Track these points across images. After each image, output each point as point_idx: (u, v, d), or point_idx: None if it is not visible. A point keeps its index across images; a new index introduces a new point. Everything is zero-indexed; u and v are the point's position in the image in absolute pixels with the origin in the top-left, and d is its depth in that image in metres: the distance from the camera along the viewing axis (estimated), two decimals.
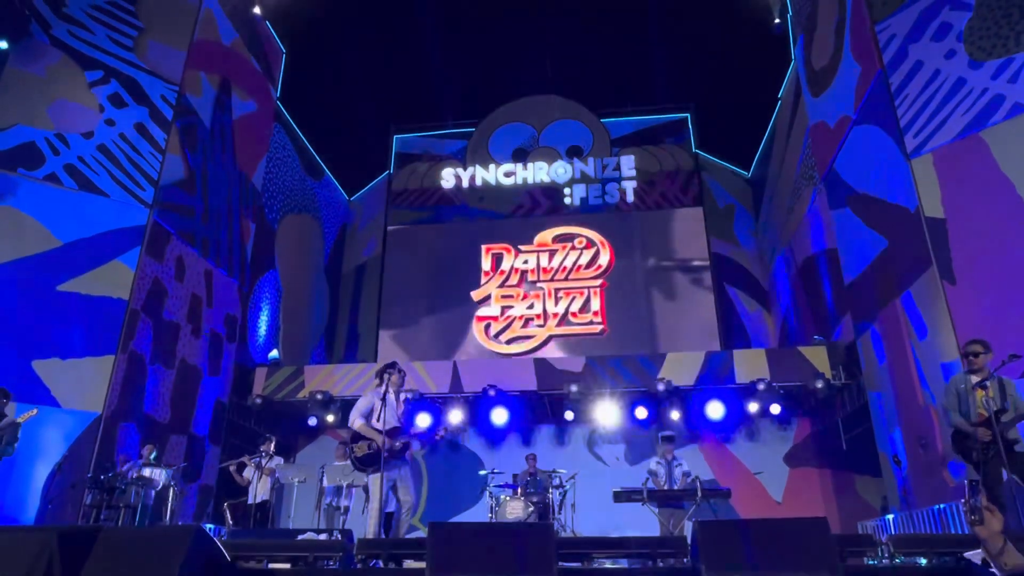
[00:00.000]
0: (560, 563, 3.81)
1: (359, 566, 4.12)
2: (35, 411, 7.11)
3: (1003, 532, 2.45)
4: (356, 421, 6.13)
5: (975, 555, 3.20)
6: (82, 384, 8.81)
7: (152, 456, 8.81)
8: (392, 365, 6.30)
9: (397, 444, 5.95)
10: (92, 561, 3.45)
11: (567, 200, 16.92)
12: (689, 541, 3.74)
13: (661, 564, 4.02)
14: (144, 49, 10.78)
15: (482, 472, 9.81)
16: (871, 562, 3.91)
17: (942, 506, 7.88)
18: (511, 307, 15.66)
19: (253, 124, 13.39)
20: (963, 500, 2.58)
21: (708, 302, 15.37)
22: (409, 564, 4.04)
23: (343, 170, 17.95)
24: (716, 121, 16.38)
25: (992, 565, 2.49)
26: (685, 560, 3.82)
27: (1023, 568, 2.40)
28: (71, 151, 9.56)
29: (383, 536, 5.61)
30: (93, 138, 9.81)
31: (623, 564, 4.46)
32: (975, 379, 5.32)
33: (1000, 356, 5.32)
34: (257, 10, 12.92)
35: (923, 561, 3.68)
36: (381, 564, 4.24)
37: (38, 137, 9.31)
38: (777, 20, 12.19)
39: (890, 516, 9.38)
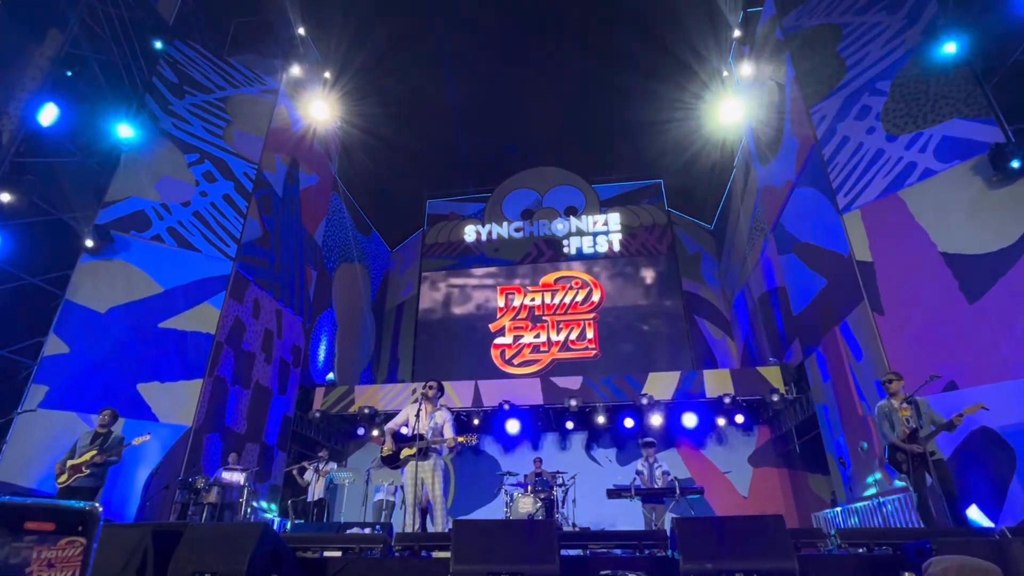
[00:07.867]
0: (562, 552, 3.71)
1: (397, 555, 4.02)
2: (148, 436, 6.54)
3: None
4: (385, 427, 5.96)
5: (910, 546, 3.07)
6: (176, 402, 8.82)
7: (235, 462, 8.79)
8: (425, 383, 5.80)
9: (412, 448, 5.39)
10: (179, 552, 3.41)
11: (566, 250, 16.98)
12: (669, 534, 3.63)
13: (646, 553, 3.90)
14: (231, 136, 11.09)
15: (499, 473, 9.65)
16: (821, 552, 3.77)
17: (881, 500, 7.64)
18: (521, 336, 15.61)
19: (315, 193, 13.63)
20: None
21: (681, 331, 15.24)
22: (437, 555, 3.94)
23: (386, 228, 18.17)
24: (683, 185, 16.51)
25: None
26: (666, 551, 3.71)
27: None
28: (172, 217, 9.76)
29: (420, 530, 5.44)
30: (190, 206, 10.02)
31: (616, 553, 4.33)
32: (895, 403, 5.27)
33: (922, 375, 5.22)
34: (320, 106, 13.28)
35: (864, 551, 3.54)
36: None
37: (147, 206, 9.54)
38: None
39: (838, 509, 9.08)
